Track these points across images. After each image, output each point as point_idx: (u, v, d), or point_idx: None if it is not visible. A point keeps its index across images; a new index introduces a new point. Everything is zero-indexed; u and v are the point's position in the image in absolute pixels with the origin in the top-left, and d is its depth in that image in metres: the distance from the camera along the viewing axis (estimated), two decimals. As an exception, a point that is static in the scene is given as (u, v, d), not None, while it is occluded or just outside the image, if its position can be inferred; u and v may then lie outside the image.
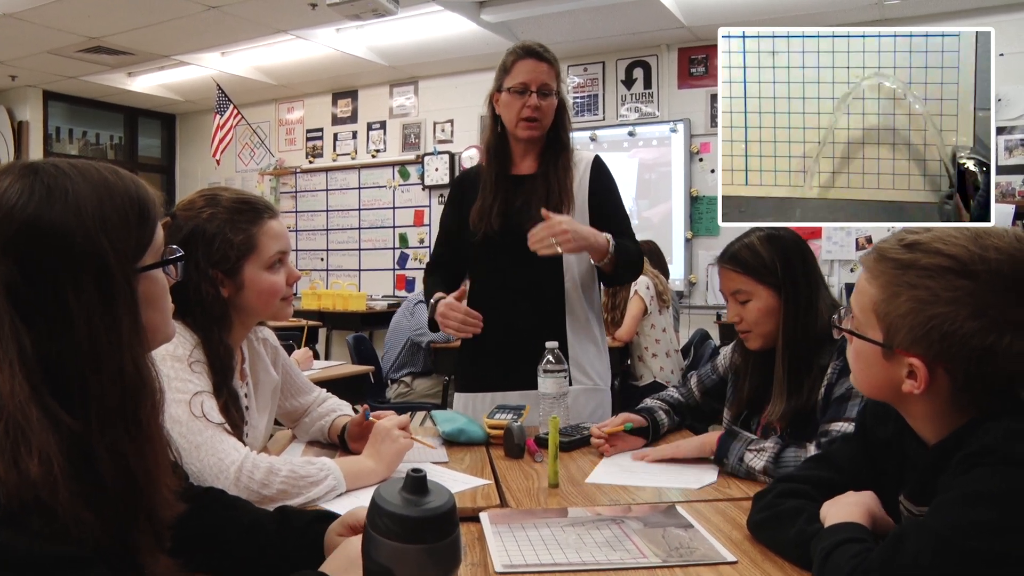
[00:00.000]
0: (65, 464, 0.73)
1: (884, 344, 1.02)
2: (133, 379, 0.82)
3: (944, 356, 0.97)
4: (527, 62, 2.11)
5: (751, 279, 1.68)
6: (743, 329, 1.72)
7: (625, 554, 1.15)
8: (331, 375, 3.68)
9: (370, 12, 4.67)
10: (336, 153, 7.70)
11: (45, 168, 0.82)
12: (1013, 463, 0.89)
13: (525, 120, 2.11)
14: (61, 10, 5.18)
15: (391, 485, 0.76)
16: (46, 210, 0.78)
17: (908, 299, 0.99)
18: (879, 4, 5.03)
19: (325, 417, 1.84)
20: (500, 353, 2.16)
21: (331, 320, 6.86)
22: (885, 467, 1.16)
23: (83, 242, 0.79)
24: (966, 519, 0.88)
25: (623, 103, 6.30)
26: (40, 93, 7.51)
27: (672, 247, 6.02)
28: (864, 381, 1.10)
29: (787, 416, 1.62)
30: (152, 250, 0.88)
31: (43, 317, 0.77)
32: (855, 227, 5.45)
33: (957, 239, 0.98)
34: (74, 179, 0.81)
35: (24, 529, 0.70)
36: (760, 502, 1.23)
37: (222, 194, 1.55)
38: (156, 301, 0.90)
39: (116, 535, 0.78)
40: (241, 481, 1.32)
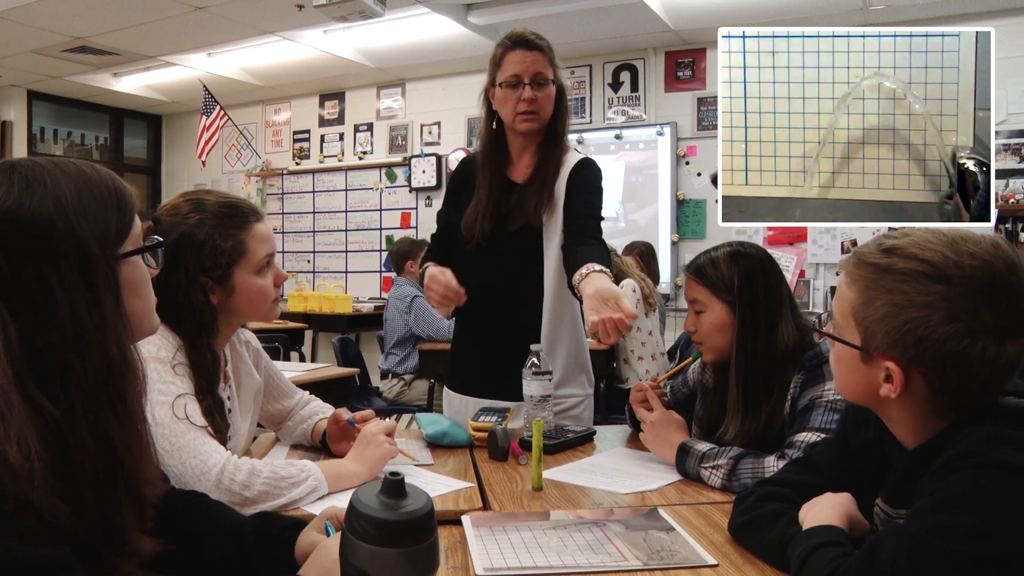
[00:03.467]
0: (44, 452, 0.75)
1: (862, 348, 1.03)
2: (118, 362, 0.84)
3: (919, 360, 0.98)
4: (516, 53, 2.04)
5: (708, 291, 1.68)
6: (697, 340, 1.73)
7: (607, 557, 1.15)
8: (317, 377, 3.67)
9: (357, 14, 4.66)
10: (323, 155, 7.68)
11: (23, 163, 0.85)
12: (993, 467, 0.89)
13: (522, 114, 2.03)
14: (46, 10, 5.14)
15: (369, 488, 0.76)
16: (26, 201, 0.81)
17: (884, 303, 1.00)
18: (864, 10, 5.07)
19: (308, 420, 1.83)
20: (487, 356, 2.15)
21: (317, 322, 6.84)
22: (866, 471, 1.17)
23: (64, 229, 0.82)
24: (945, 523, 0.88)
25: (610, 106, 6.32)
26: (24, 93, 7.46)
27: (658, 250, 6.02)
28: (844, 385, 1.11)
29: (745, 437, 1.60)
30: (131, 238, 0.90)
31: (28, 306, 0.79)
32: (840, 229, 5.48)
33: (933, 244, 0.99)
34: (51, 172, 0.84)
35: (4, 528, 0.71)
36: (741, 505, 1.23)
37: (207, 198, 1.53)
38: (138, 289, 0.92)
39: (96, 520, 0.79)
40: (223, 483, 1.31)
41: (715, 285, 1.67)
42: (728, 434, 1.64)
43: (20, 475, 0.72)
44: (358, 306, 6.86)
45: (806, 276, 5.59)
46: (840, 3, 5.02)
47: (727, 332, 1.66)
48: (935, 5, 4.98)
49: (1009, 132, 5.04)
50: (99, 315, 0.83)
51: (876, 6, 5.00)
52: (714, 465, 1.53)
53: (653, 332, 4.54)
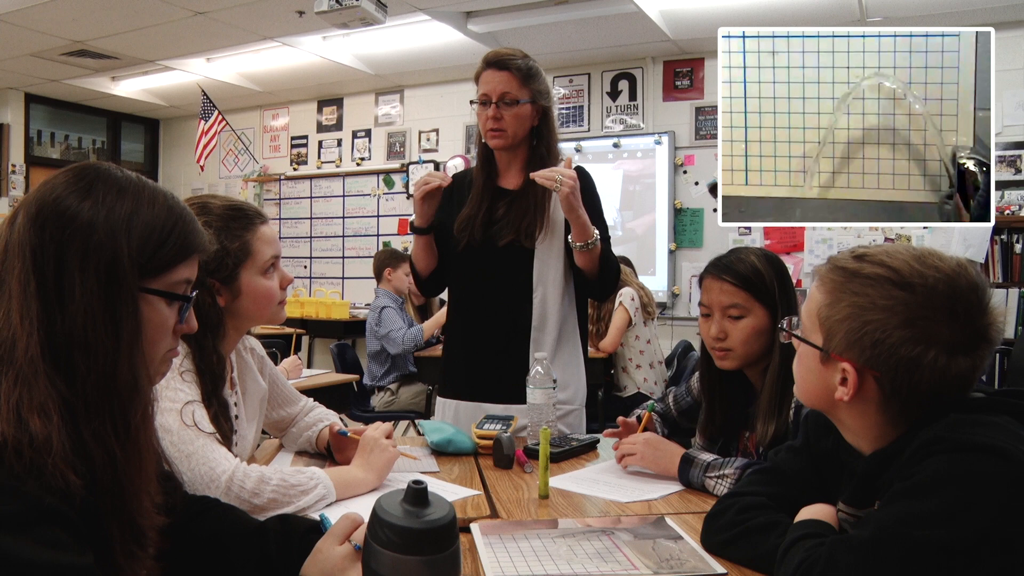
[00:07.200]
0: (60, 424, 0.77)
1: (822, 348, 1.06)
2: (127, 382, 0.85)
3: (873, 362, 1.01)
4: (487, 72, 2.11)
5: (750, 296, 1.66)
6: (725, 347, 1.68)
7: (616, 565, 1.15)
8: (315, 383, 3.67)
9: (358, 21, 4.67)
10: (321, 161, 7.68)
11: (107, 170, 0.89)
12: (964, 449, 0.92)
13: (489, 131, 2.11)
14: (45, 13, 5.14)
15: (392, 496, 0.76)
16: (79, 199, 0.85)
17: (848, 304, 1.03)
18: (861, 21, 5.10)
19: (312, 427, 1.83)
20: (475, 362, 2.19)
21: (314, 328, 6.83)
22: (829, 477, 1.19)
23: (103, 238, 0.84)
24: (911, 510, 0.91)
25: (608, 115, 6.34)
26: (22, 96, 7.45)
27: (656, 259, 6.06)
28: (802, 387, 1.14)
29: (773, 439, 1.60)
30: (165, 280, 0.90)
31: (50, 290, 0.82)
32: (836, 239, 5.50)
33: (902, 255, 1.03)
34: (123, 185, 0.88)
35: (29, 533, 0.72)
36: (719, 521, 1.22)
37: (212, 202, 1.54)
38: (150, 334, 0.90)
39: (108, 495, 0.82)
40: (232, 490, 1.31)
41: (757, 288, 1.66)
42: (765, 438, 1.60)
43: (38, 441, 0.75)
44: (355, 312, 6.86)
45: (802, 286, 5.61)
46: (838, 18, 5.05)
47: (764, 337, 1.65)
48: (931, 18, 5.01)
49: (1005, 144, 5.07)
50: (115, 332, 0.84)
51: (873, 18, 5.03)
52: (720, 475, 1.53)
53: (652, 340, 4.55)
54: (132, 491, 0.85)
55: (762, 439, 1.62)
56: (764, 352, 1.66)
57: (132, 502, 0.85)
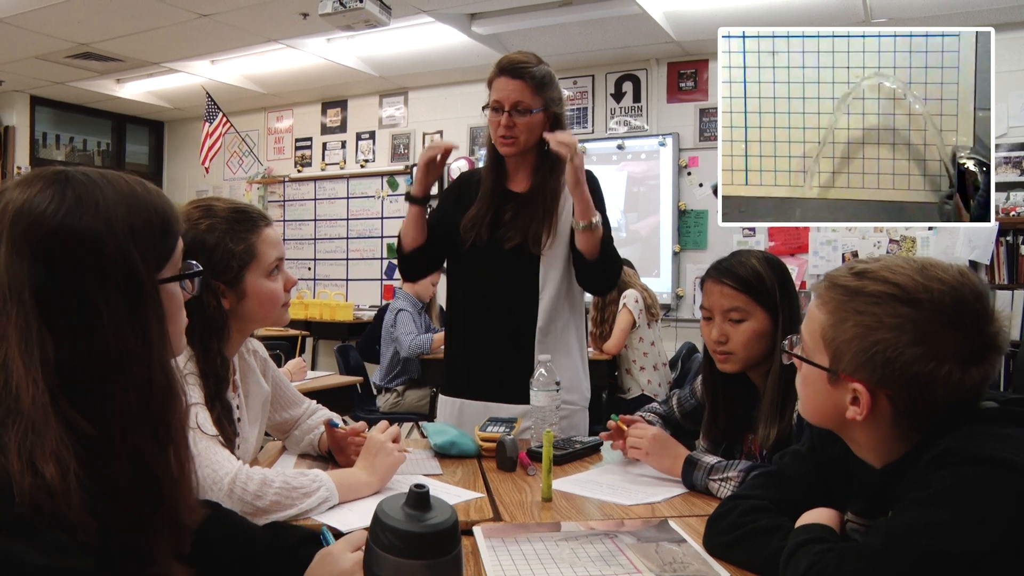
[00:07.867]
0: (80, 470, 0.73)
1: (830, 369, 1.04)
2: (162, 386, 0.84)
3: (886, 382, 0.99)
4: (501, 80, 2.10)
5: (751, 299, 1.66)
6: (726, 351, 1.69)
7: (619, 569, 1.15)
8: (319, 385, 3.67)
9: (362, 23, 4.67)
10: (325, 162, 7.69)
11: (75, 176, 0.83)
12: (975, 462, 0.91)
13: (501, 138, 2.11)
14: (51, 16, 5.15)
15: (394, 500, 0.76)
16: (76, 218, 0.79)
17: (854, 324, 1.01)
18: (866, 22, 5.08)
19: (315, 430, 1.83)
20: (477, 361, 2.19)
21: (318, 330, 6.84)
22: (834, 484, 1.18)
23: (113, 251, 0.80)
24: (922, 519, 0.90)
25: (612, 116, 6.33)
26: (27, 98, 7.47)
27: (660, 260, 6.05)
28: (810, 408, 1.12)
29: (775, 442, 1.60)
30: (171, 263, 0.90)
31: (69, 323, 0.78)
32: (841, 241, 5.49)
33: (904, 269, 1.01)
34: (103, 188, 0.83)
35: (33, 538, 0.70)
36: (720, 523, 1.22)
37: (216, 204, 1.55)
38: (173, 315, 0.90)
39: (127, 541, 0.78)
40: (235, 493, 1.31)
41: (758, 292, 1.66)
42: (767, 441, 1.61)
43: (57, 493, 0.71)
44: (359, 314, 6.87)
45: (807, 287, 5.60)
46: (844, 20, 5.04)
47: (766, 340, 1.65)
48: (938, 19, 5.00)
49: (1010, 145, 5.06)
50: (144, 339, 0.82)
51: (878, 19, 5.02)
52: (723, 477, 1.53)
53: (655, 343, 4.55)
54: (177, 495, 0.85)
55: (764, 442, 1.62)
56: (766, 355, 1.66)
57: (177, 502, 0.85)
